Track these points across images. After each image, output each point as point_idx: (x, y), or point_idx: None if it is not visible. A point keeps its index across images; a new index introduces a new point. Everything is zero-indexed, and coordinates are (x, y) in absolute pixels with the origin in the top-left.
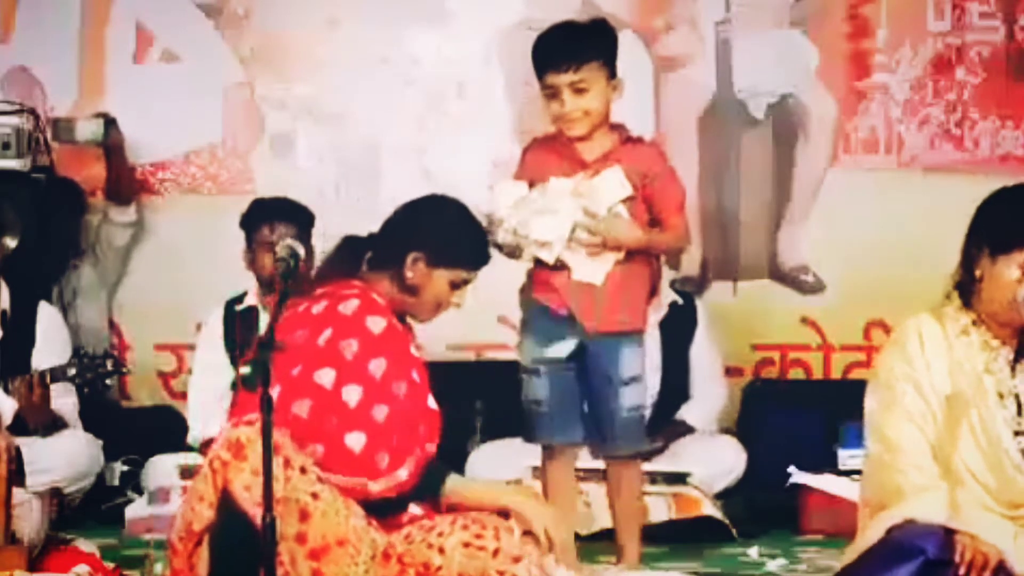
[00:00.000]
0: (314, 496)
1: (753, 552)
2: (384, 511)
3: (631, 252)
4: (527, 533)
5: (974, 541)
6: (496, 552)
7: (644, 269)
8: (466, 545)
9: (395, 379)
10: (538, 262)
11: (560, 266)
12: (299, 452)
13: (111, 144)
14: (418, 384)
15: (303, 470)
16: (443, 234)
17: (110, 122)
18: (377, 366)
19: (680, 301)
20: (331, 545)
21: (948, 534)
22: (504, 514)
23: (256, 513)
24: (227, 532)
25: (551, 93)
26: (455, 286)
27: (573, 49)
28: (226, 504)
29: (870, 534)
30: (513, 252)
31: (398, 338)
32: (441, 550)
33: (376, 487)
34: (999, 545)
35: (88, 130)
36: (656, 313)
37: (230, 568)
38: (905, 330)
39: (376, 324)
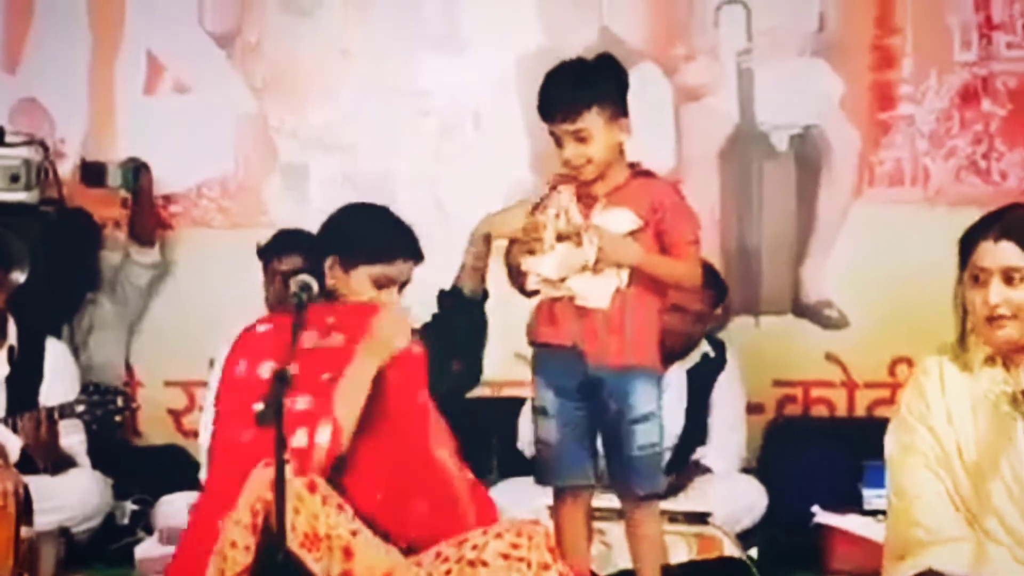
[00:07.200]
0: (354, 533)
1: None
2: None
3: (635, 278)
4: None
5: None
6: (532, 563)
7: (653, 301)
8: (505, 557)
9: None
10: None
11: (564, 297)
12: (333, 490)
13: (140, 188)
14: None
15: (340, 507)
16: (352, 233)
17: (140, 166)
18: None
19: (712, 353)
20: None
21: None
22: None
23: (301, 553)
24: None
25: (557, 140)
26: (380, 285)
27: (569, 98)
28: (268, 545)
29: None
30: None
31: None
32: (484, 563)
33: None
34: None
35: (119, 176)
36: (685, 363)
37: None
38: (925, 367)
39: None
